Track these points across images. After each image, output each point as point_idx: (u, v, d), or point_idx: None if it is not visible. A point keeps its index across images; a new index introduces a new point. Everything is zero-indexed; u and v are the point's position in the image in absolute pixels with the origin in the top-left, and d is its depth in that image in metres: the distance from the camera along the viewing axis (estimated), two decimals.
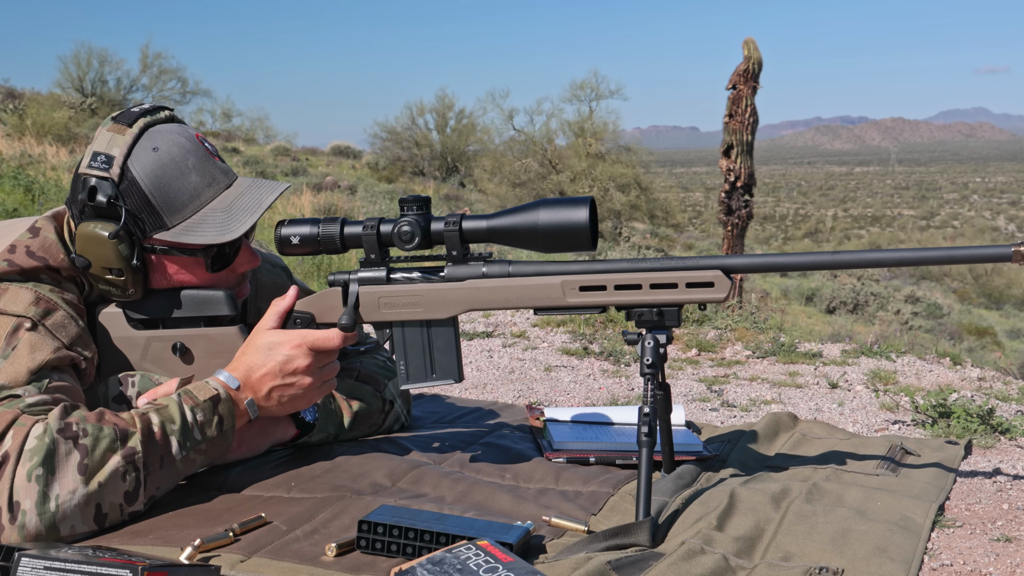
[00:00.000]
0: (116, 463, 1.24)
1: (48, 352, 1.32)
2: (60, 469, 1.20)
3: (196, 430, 1.33)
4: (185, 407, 1.33)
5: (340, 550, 1.18)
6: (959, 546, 1.32)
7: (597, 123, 20.84)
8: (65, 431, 1.22)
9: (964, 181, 78.80)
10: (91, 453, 1.22)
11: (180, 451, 1.31)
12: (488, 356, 3.03)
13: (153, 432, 1.29)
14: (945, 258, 1.34)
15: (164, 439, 1.30)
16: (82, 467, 1.21)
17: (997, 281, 19.87)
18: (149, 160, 1.39)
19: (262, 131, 26.46)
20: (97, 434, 1.24)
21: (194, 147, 1.43)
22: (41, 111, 14.03)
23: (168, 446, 1.30)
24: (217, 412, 1.35)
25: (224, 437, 1.37)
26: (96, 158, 1.39)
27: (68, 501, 1.20)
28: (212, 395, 1.35)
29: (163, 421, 1.30)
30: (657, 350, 1.36)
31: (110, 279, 1.41)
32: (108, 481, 1.23)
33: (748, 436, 1.78)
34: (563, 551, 1.20)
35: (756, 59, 6.85)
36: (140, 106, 1.46)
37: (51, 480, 1.19)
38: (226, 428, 1.37)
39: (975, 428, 2.00)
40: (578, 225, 1.34)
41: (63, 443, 1.21)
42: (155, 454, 1.28)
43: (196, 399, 1.34)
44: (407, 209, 1.41)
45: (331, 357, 1.44)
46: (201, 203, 1.42)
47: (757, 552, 1.21)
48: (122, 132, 1.40)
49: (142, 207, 1.39)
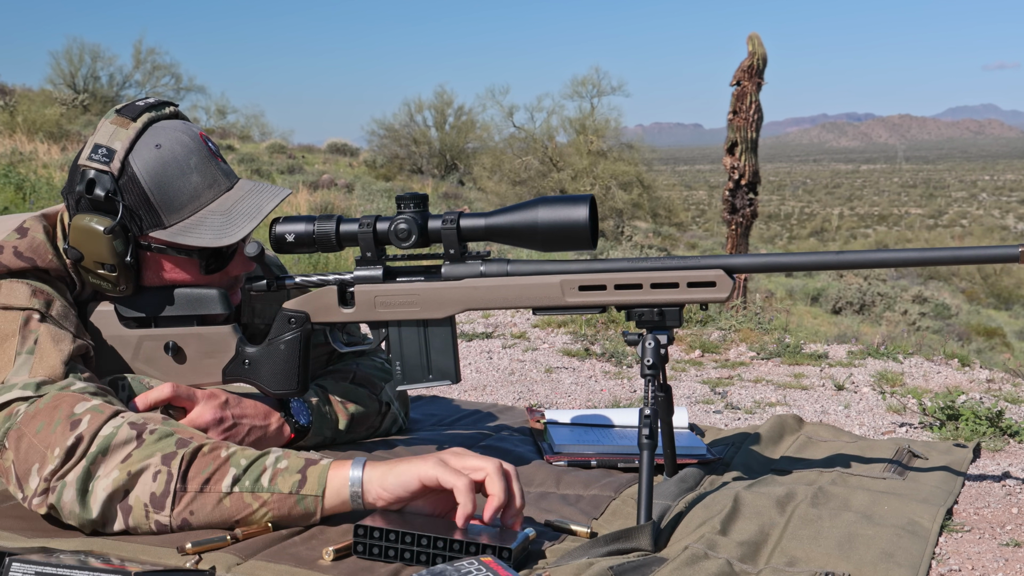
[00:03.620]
0: (156, 461, 1.19)
1: (69, 342, 1.31)
2: (112, 454, 1.19)
3: (267, 475, 1.19)
4: (275, 454, 1.22)
5: (337, 554, 1.17)
6: (967, 551, 1.30)
7: (599, 120, 20.84)
8: (136, 425, 1.21)
9: (973, 179, 78.68)
10: (143, 446, 1.19)
11: (231, 485, 1.18)
12: (488, 357, 3.02)
13: (214, 451, 1.20)
14: (952, 258, 1.32)
15: (220, 464, 1.19)
16: (127, 456, 1.19)
17: (1006, 281, 19.82)
18: (151, 157, 1.38)
19: (257, 128, 26.50)
20: (160, 436, 1.20)
21: (197, 146, 1.42)
22: (32, 108, 14.03)
23: (221, 472, 1.19)
24: (304, 472, 1.19)
25: (300, 503, 1.19)
26: (97, 150, 1.38)
27: (102, 487, 1.18)
28: (310, 456, 1.22)
29: (232, 453, 1.21)
30: (658, 351, 1.35)
31: (102, 274, 1.39)
32: (138, 472, 1.18)
33: (752, 439, 1.77)
34: (564, 556, 1.19)
35: (761, 55, 6.83)
36: (145, 100, 1.44)
37: (100, 464, 1.18)
38: (304, 493, 1.19)
39: (984, 431, 1.99)
40: (578, 223, 1.33)
41: (127, 430, 1.20)
42: (201, 473, 1.18)
43: (292, 453, 1.22)
44: (404, 207, 1.39)
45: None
46: (200, 204, 1.40)
47: (762, 557, 1.20)
48: (125, 126, 1.39)
49: (140, 204, 1.38)
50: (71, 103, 18.76)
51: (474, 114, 24.53)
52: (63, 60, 22.87)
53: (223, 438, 1.44)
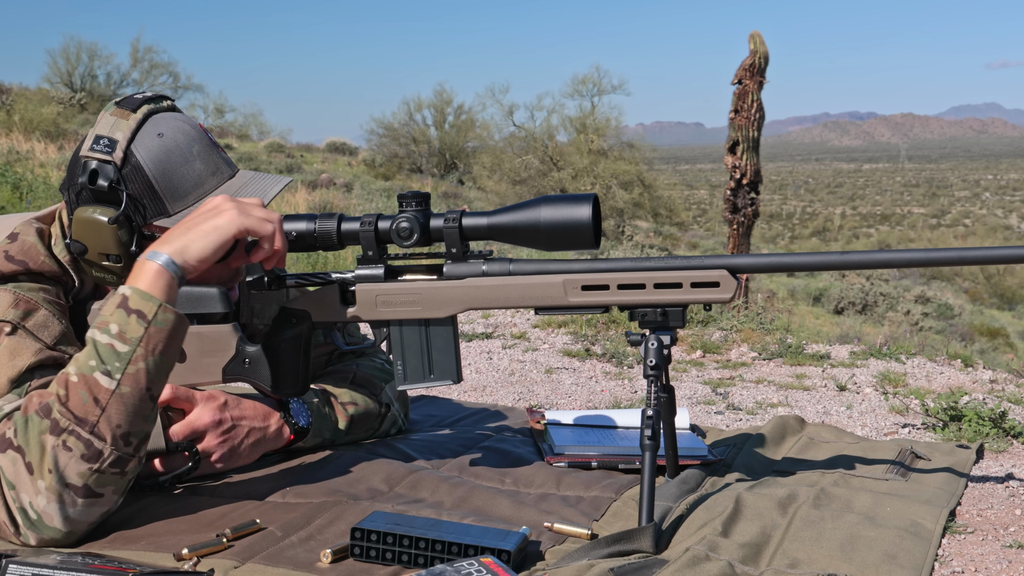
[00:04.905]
0: (51, 442, 1.18)
1: (29, 355, 1.30)
2: (18, 481, 1.18)
3: (116, 344, 1.19)
4: (96, 333, 1.21)
5: (335, 557, 1.16)
6: (970, 552, 1.30)
7: (599, 119, 20.82)
8: (2, 444, 1.20)
9: (976, 178, 78.59)
10: (28, 450, 1.18)
11: (111, 378, 1.18)
12: (488, 358, 3.01)
13: (70, 383, 1.19)
14: (958, 259, 1.32)
15: (85, 381, 1.18)
16: (28, 467, 1.18)
17: (1009, 281, 19.79)
18: (154, 145, 1.37)
19: (256, 127, 26.46)
20: (24, 427, 1.19)
21: (198, 135, 1.42)
22: (29, 107, 14.02)
23: (96, 385, 1.18)
24: (130, 310, 1.20)
25: (159, 323, 1.20)
26: (99, 141, 1.37)
27: (43, 505, 1.18)
28: (118, 301, 1.21)
29: (78, 366, 1.20)
30: (661, 351, 1.34)
31: (107, 266, 1.39)
32: (56, 462, 1.17)
33: (754, 440, 1.76)
34: (564, 558, 1.18)
35: (762, 53, 6.82)
36: (143, 93, 1.44)
37: (21, 496, 1.18)
38: (152, 315, 1.20)
39: (987, 432, 1.98)
40: (581, 223, 1.32)
41: (4, 457, 1.19)
42: (84, 403, 1.18)
43: (105, 318, 1.21)
44: (406, 205, 1.39)
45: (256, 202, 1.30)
46: (205, 191, 1.40)
47: (763, 559, 1.19)
48: (126, 117, 1.38)
49: (144, 192, 1.37)
50: (68, 102, 18.72)
51: (474, 113, 24.51)
52: (60, 58, 22.85)
53: (221, 440, 1.44)
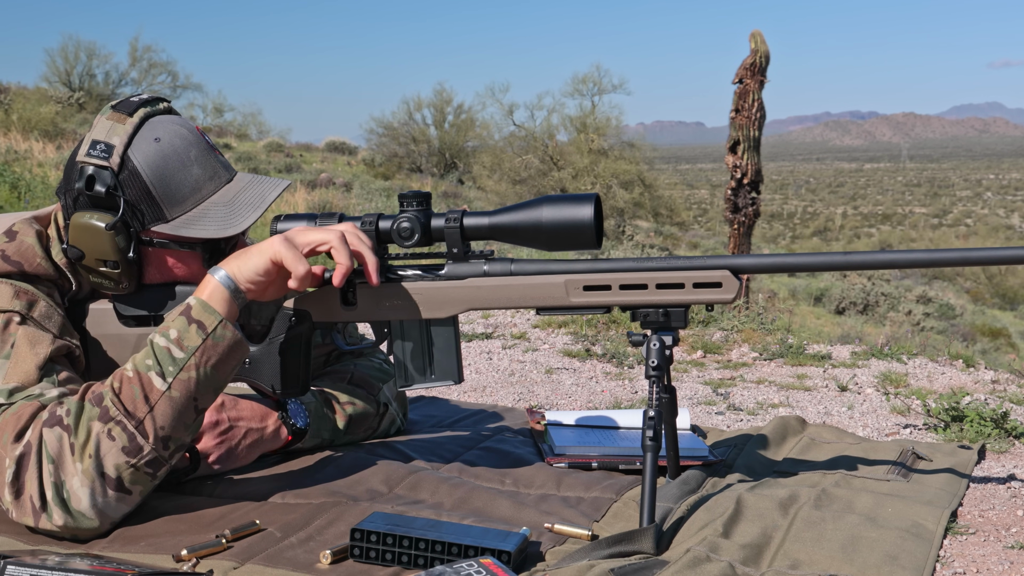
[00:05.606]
0: (97, 429, 1.22)
1: (47, 345, 1.31)
2: (60, 458, 1.21)
3: (174, 349, 1.25)
4: (156, 336, 1.27)
5: (335, 558, 1.16)
6: (972, 553, 1.29)
7: (600, 118, 20.80)
8: (51, 421, 1.22)
9: (977, 178, 78.50)
10: (76, 432, 1.21)
11: (164, 380, 1.24)
12: (488, 358, 3.00)
13: (125, 378, 1.24)
14: (961, 259, 1.31)
15: (140, 379, 1.24)
16: (72, 447, 1.21)
17: (1011, 281, 19.77)
18: (151, 150, 1.37)
19: (255, 126, 26.43)
20: (78, 410, 1.22)
21: (196, 139, 1.41)
22: (27, 106, 13.99)
23: (149, 383, 1.24)
24: (192, 319, 1.25)
25: (216, 338, 1.25)
26: (95, 146, 1.36)
27: (77, 487, 1.20)
28: (182, 309, 1.27)
29: (135, 364, 1.25)
30: (663, 352, 1.34)
31: (104, 271, 1.38)
32: (98, 448, 1.21)
33: (755, 440, 1.75)
34: (564, 559, 1.18)
35: (763, 52, 6.80)
36: (139, 96, 1.43)
37: (59, 472, 1.21)
38: (211, 328, 1.25)
39: (989, 432, 1.98)
40: (583, 222, 1.31)
41: (51, 432, 1.21)
42: (135, 398, 1.23)
43: (167, 323, 1.27)
44: (407, 205, 1.38)
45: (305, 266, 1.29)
46: (202, 196, 1.39)
47: (764, 560, 1.19)
48: (122, 121, 1.38)
49: (142, 198, 1.37)
50: (67, 101, 18.70)
51: (474, 112, 24.48)
52: (58, 58, 22.82)
53: (219, 441, 1.44)
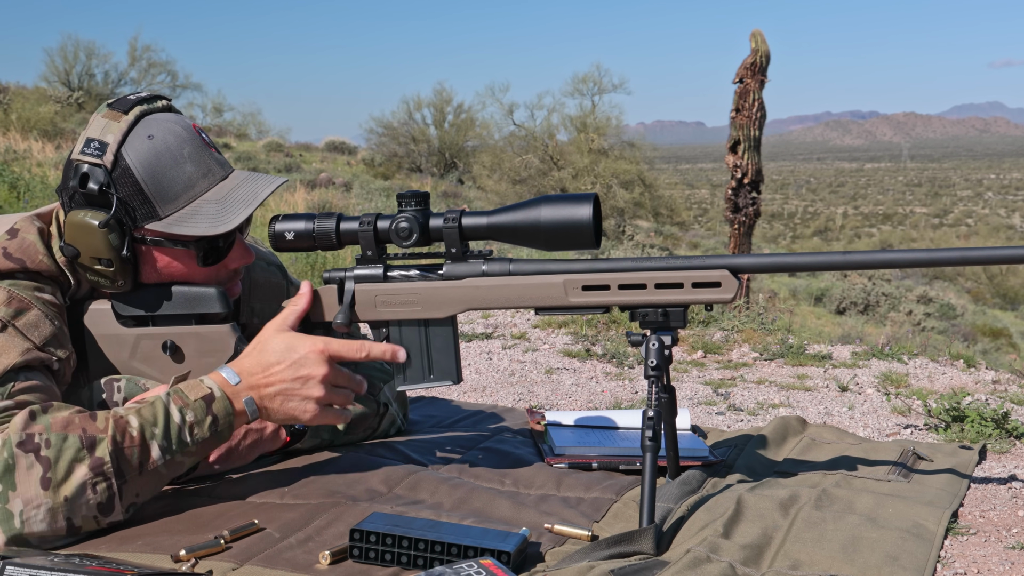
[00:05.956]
0: (83, 475, 1.19)
1: (15, 354, 1.28)
2: (22, 484, 1.17)
3: (185, 432, 1.26)
4: (172, 407, 1.27)
5: (334, 558, 1.16)
6: (973, 554, 1.29)
7: (600, 118, 20.80)
8: (26, 444, 1.18)
9: (978, 178, 78.46)
10: (54, 466, 1.18)
11: (162, 456, 1.25)
12: (487, 358, 3.00)
13: (129, 436, 1.22)
14: (960, 259, 1.31)
15: (143, 444, 1.23)
16: (45, 481, 1.17)
17: (1012, 281, 19.76)
18: (144, 148, 1.36)
19: (254, 126, 26.43)
20: (61, 444, 1.19)
21: (190, 136, 1.41)
22: (26, 106, 13.99)
23: (147, 451, 1.23)
24: (211, 412, 1.28)
25: (219, 437, 1.30)
26: (89, 144, 1.36)
27: (33, 516, 1.17)
28: (205, 394, 1.28)
29: (142, 424, 1.24)
30: (662, 352, 1.33)
31: (99, 269, 1.38)
32: (76, 494, 1.18)
33: (755, 441, 1.75)
34: (564, 559, 1.17)
35: (764, 52, 6.80)
36: (137, 94, 1.43)
37: (12, 496, 1.16)
38: (221, 428, 1.29)
39: (989, 432, 1.97)
40: (582, 222, 1.31)
41: (23, 457, 1.17)
42: (131, 461, 1.22)
43: (187, 399, 1.27)
44: (405, 205, 1.38)
45: (346, 378, 1.35)
46: (195, 194, 1.39)
47: (765, 560, 1.19)
48: (117, 119, 1.37)
49: (134, 196, 1.36)
50: (66, 101, 18.70)
51: (474, 112, 24.47)
52: (58, 57, 22.82)
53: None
